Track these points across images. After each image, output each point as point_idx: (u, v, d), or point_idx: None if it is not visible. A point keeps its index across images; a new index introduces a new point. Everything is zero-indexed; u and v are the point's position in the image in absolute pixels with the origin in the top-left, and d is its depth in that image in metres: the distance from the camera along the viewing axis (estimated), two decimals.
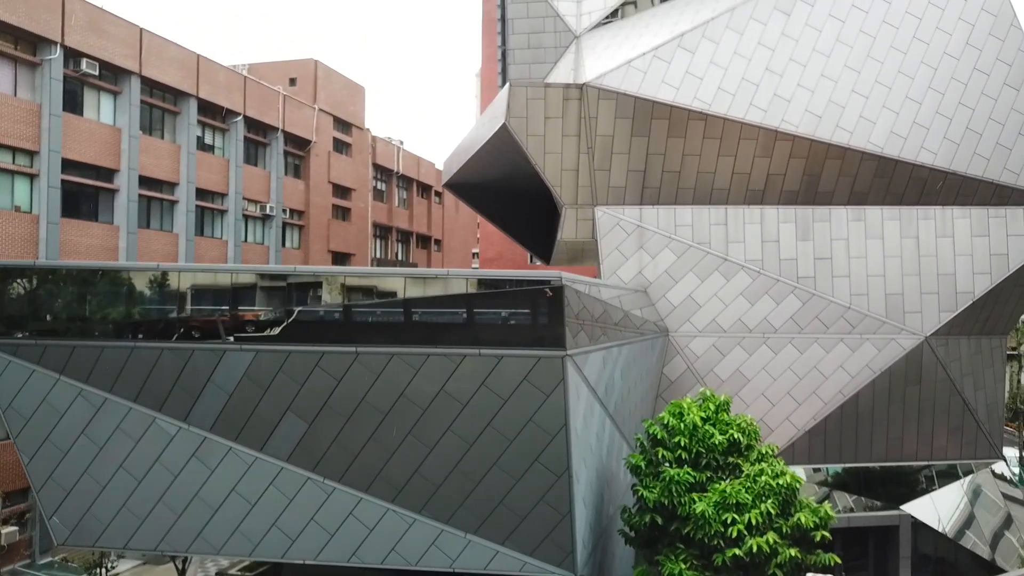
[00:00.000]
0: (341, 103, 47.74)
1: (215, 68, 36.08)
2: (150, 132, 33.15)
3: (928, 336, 25.86)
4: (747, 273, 26.15)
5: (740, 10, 25.03)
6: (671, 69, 24.66)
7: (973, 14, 25.61)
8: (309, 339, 15.52)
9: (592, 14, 29.82)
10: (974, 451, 27.49)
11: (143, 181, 32.25)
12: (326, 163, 45.89)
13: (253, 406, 16.18)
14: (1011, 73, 25.60)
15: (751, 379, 26.18)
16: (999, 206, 25.95)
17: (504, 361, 14.56)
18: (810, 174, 25.73)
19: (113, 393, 16.71)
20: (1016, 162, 25.58)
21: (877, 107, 25.16)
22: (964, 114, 25.40)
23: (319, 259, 45.37)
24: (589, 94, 24.73)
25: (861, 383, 25.96)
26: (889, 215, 26.17)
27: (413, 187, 58.79)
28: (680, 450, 16.72)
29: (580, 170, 26.12)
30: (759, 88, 24.87)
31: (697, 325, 26.25)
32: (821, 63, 25.11)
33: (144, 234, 32.33)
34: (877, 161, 25.36)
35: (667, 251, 26.42)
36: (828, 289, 26.04)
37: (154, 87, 32.96)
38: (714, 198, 26.32)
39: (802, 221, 26.28)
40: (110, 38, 30.06)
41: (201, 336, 16.07)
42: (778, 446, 18.24)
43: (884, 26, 25.35)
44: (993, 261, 25.92)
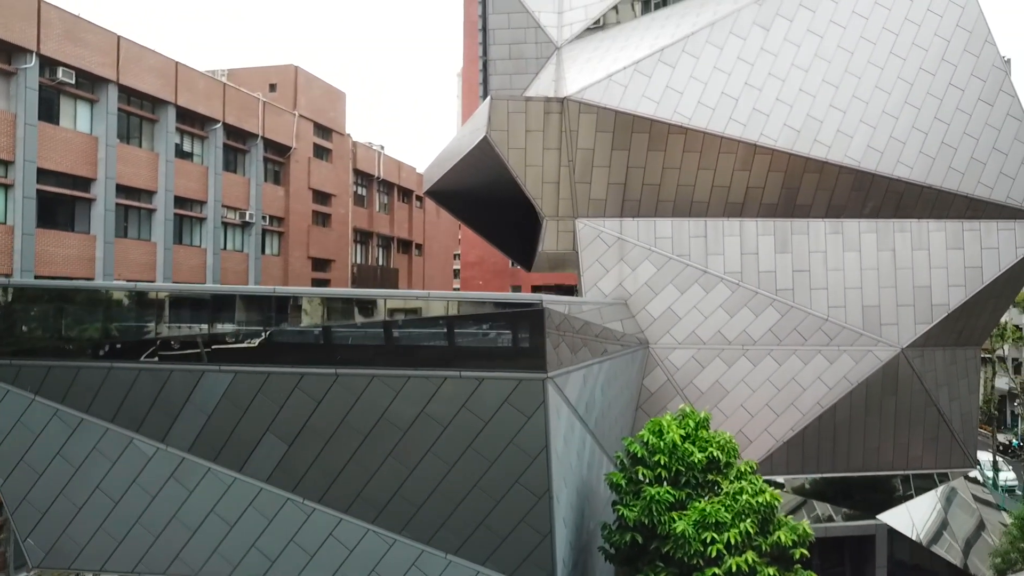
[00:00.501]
0: (321, 109, 47.55)
1: (194, 75, 35.81)
2: (128, 140, 32.87)
3: (904, 348, 26.16)
4: (726, 285, 26.32)
5: (720, 25, 25.20)
6: (652, 83, 24.77)
7: (948, 30, 25.93)
8: (288, 360, 15.45)
9: (573, 25, 29.84)
10: (949, 460, 27.84)
11: (120, 190, 31.99)
12: (306, 169, 45.68)
13: (232, 427, 16.08)
14: (985, 88, 25.95)
15: (730, 391, 26.36)
16: (973, 219, 26.30)
17: (485, 383, 14.57)
18: (788, 187, 25.94)
19: (89, 414, 16.57)
20: (990, 176, 25.94)
21: (854, 122, 25.42)
22: (939, 129, 25.72)
23: (299, 266, 45.18)
24: (570, 108, 24.80)
25: (839, 394, 26.22)
26: (866, 228, 26.45)
27: (394, 192, 58.67)
28: (660, 468, 16.80)
29: (561, 183, 26.18)
30: (738, 102, 25.04)
31: (677, 337, 26.38)
32: (800, 78, 25.32)
33: (121, 243, 32.04)
34: (854, 175, 25.62)
35: (647, 263, 26.54)
36: (806, 301, 26.27)
37: (132, 95, 32.68)
38: (694, 210, 26.46)
39: (781, 234, 26.49)
40: (87, 46, 29.76)
41: (180, 355, 15.95)
42: (756, 463, 18.36)
43: (862, 41, 25.61)
44: (968, 274, 26.27)
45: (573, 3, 30.02)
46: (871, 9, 25.75)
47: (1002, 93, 26.00)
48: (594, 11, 29.74)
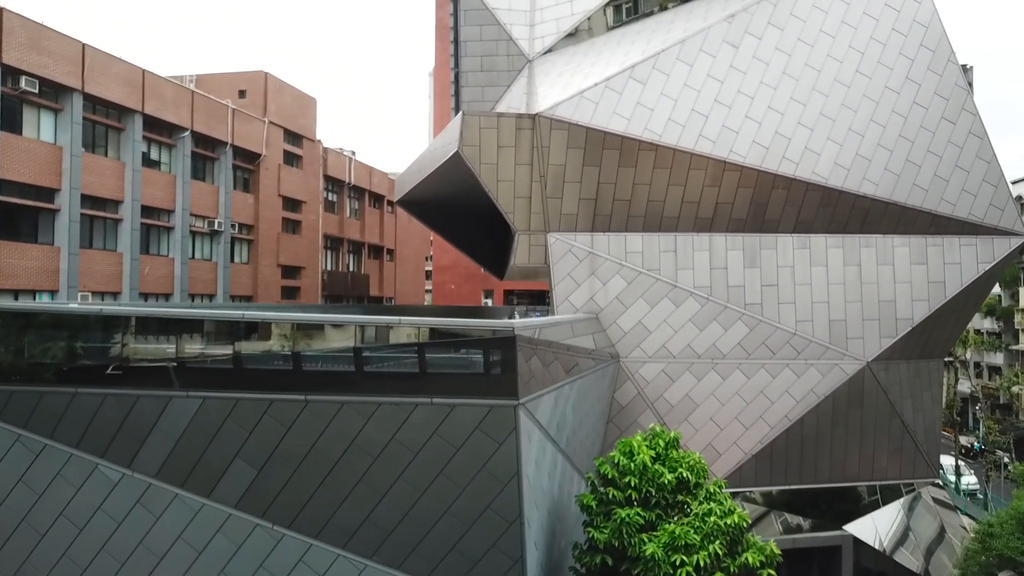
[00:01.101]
0: (292, 115, 47.13)
1: (161, 83, 35.31)
2: (93, 149, 32.32)
3: (870, 361, 26.60)
4: (696, 299, 26.56)
5: (690, 42, 25.41)
6: (622, 100, 24.91)
7: (913, 49, 26.40)
8: (258, 386, 15.31)
9: (545, 38, 29.92)
10: (913, 471, 28.36)
11: (86, 200, 31.43)
12: (276, 176, 45.25)
13: (200, 452, 15.90)
14: (948, 107, 26.47)
15: (700, 404, 26.61)
16: (937, 235, 26.81)
17: (456, 410, 14.56)
18: (757, 203, 26.24)
19: (53, 439, 16.29)
20: (952, 193, 26.45)
21: (822, 139, 25.79)
22: (904, 146, 26.18)
23: (268, 273, 44.76)
24: (542, 124, 24.86)
25: (806, 407, 26.60)
26: (833, 243, 26.85)
27: (365, 197, 58.33)
28: (630, 490, 16.91)
29: (533, 197, 26.24)
30: (708, 119, 25.28)
31: (647, 351, 26.57)
32: (768, 95, 25.63)
33: (86, 254, 31.50)
34: (822, 191, 25.98)
35: (618, 277, 26.69)
36: (774, 315, 26.60)
37: (97, 103, 32.13)
38: (664, 225, 26.66)
39: (749, 248, 26.79)
40: (51, 55, 29.21)
41: (147, 380, 15.75)
42: (725, 481, 18.55)
43: (829, 60, 25.98)
44: (931, 288, 26.77)
45: (545, 16, 30.12)
46: (838, 28, 26.14)
47: (964, 112, 26.54)
48: (565, 25, 29.87)
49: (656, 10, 29.73)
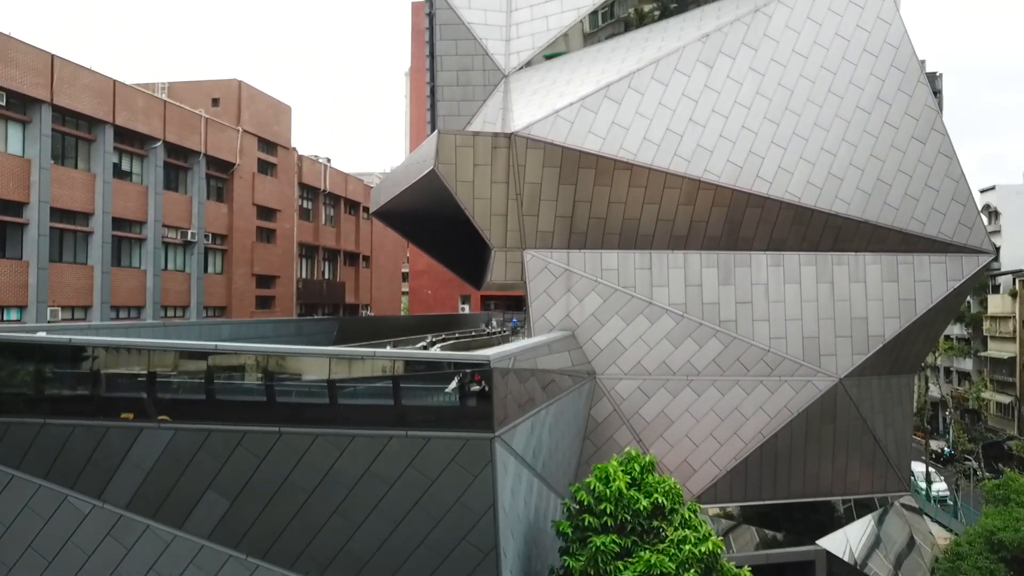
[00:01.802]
0: (266, 123, 46.72)
1: (132, 93, 34.84)
2: (63, 161, 31.82)
3: (842, 377, 26.91)
4: (671, 316, 26.71)
5: (665, 62, 25.54)
6: (598, 119, 24.98)
7: (883, 70, 26.75)
8: (230, 418, 15.16)
9: (521, 54, 29.96)
10: (884, 485, 28.73)
11: (55, 213, 30.94)
12: (250, 185, 44.83)
13: (172, 483, 15.71)
14: (918, 127, 26.85)
15: (675, 421, 26.76)
16: (907, 253, 27.18)
17: (432, 442, 14.52)
18: (731, 221, 26.44)
19: (21, 470, 16.01)
20: (922, 212, 26.84)
21: (795, 158, 26.04)
22: (875, 166, 26.52)
23: (242, 283, 44.34)
24: (517, 143, 24.86)
25: (780, 423, 26.84)
26: (806, 260, 27.12)
27: (341, 204, 57.99)
28: (606, 517, 16.95)
29: (509, 215, 26.23)
30: (683, 138, 25.43)
31: (623, 367, 26.67)
32: (742, 115, 25.83)
33: (56, 268, 31.00)
34: (795, 210, 26.25)
35: (594, 294, 26.76)
36: (749, 332, 26.81)
37: (67, 115, 31.62)
38: (639, 243, 26.79)
39: (724, 266, 26.99)
40: (18, 66, 28.71)
41: (117, 411, 15.53)
42: (700, 506, 18.66)
43: (801, 80, 26.25)
44: (902, 305, 27.14)
45: (520, 31, 30.16)
46: (810, 48, 26.41)
47: (933, 131, 26.94)
48: (541, 40, 29.93)
49: (633, 18, 29.90)
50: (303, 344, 33.08)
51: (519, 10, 30.37)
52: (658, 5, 29.62)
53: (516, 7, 30.43)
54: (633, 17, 29.48)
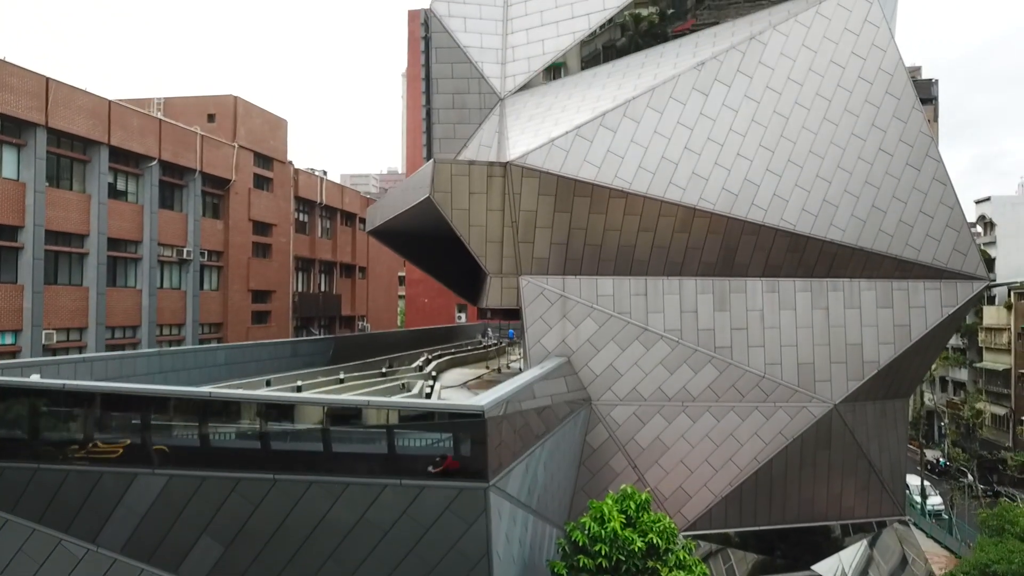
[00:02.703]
0: (262, 138, 46.69)
1: (128, 113, 34.80)
2: (57, 183, 31.80)
3: (837, 403, 26.94)
4: (666, 342, 26.72)
5: (660, 90, 25.56)
6: (593, 148, 25.00)
7: (878, 97, 26.80)
8: (225, 465, 15.15)
9: (516, 77, 29.98)
10: (879, 509, 28.76)
11: (50, 235, 30.94)
12: (246, 201, 44.81)
13: (167, 528, 15.70)
14: (913, 154, 26.90)
15: (670, 447, 26.77)
16: (902, 279, 27.22)
17: (426, 491, 14.52)
18: (727, 248, 26.46)
19: (15, 514, 16.00)
20: (917, 238, 26.89)
21: (790, 185, 26.08)
22: (870, 192, 26.56)
23: (238, 299, 44.31)
24: (513, 172, 24.87)
25: (775, 450, 26.86)
26: (801, 287, 27.15)
27: (337, 217, 57.95)
28: (601, 558, 16.99)
29: (505, 241, 26.23)
30: (678, 167, 25.45)
31: (618, 394, 26.69)
32: (737, 142, 25.86)
33: (51, 291, 30.99)
34: (790, 237, 26.27)
35: (589, 320, 26.77)
36: (744, 358, 26.83)
37: (62, 136, 31.60)
38: (635, 269, 26.79)
39: (719, 292, 27.00)
40: (13, 91, 28.68)
41: (111, 457, 15.51)
42: (695, 544, 18.70)
43: (796, 107, 26.28)
44: (896, 331, 27.17)
45: (516, 55, 30.19)
46: (805, 75, 26.45)
47: (928, 158, 26.99)
48: (537, 64, 29.97)
49: (628, 44, 29.93)
50: (299, 365, 33.11)
51: (515, 33, 30.40)
52: (654, 32, 29.64)
53: (512, 30, 30.46)
54: (629, 43, 29.49)
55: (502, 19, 30.62)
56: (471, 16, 30.49)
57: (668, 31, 30.04)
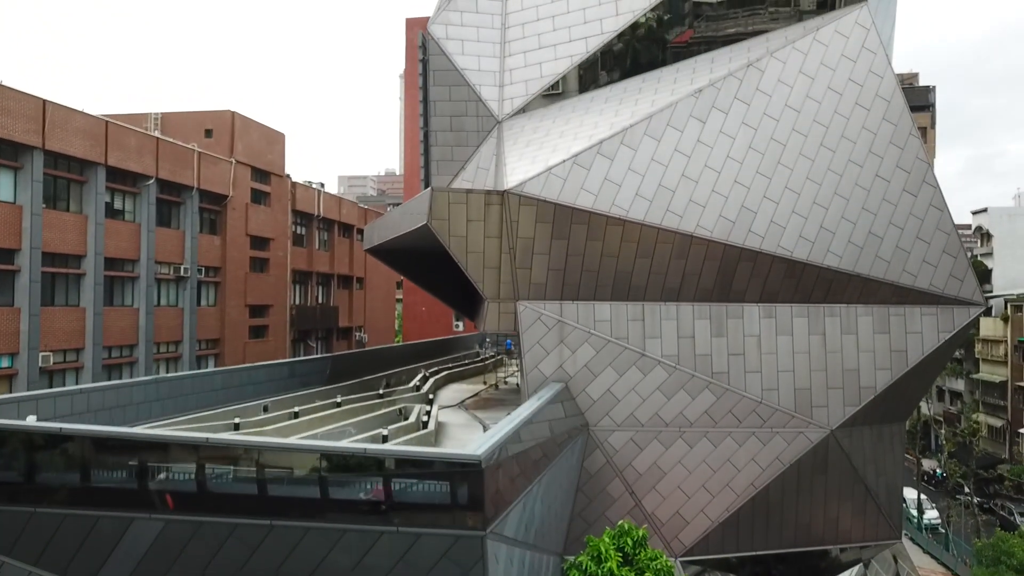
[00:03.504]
0: (259, 152, 46.68)
1: (125, 133, 34.77)
2: (54, 204, 31.77)
3: (834, 429, 26.98)
4: (664, 368, 26.74)
5: (657, 117, 25.58)
6: (590, 176, 25.02)
7: (875, 123, 26.84)
8: (222, 510, 15.15)
9: (514, 100, 29.96)
10: (876, 533, 28.82)
11: (46, 257, 30.91)
12: (243, 216, 44.79)
13: (163, 572, 15.69)
14: (909, 180, 26.94)
15: (667, 472, 26.81)
16: (899, 305, 27.26)
17: (422, 538, 14.53)
18: (724, 274, 26.48)
19: (12, 556, 15.99)
20: (914, 265, 26.92)
21: (787, 212, 26.10)
22: (867, 219, 26.59)
23: (236, 314, 44.28)
24: (510, 200, 24.88)
25: (772, 475, 26.89)
26: (798, 312, 27.17)
27: (335, 228, 57.95)
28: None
29: (502, 267, 26.22)
30: (675, 194, 25.47)
31: (616, 419, 26.70)
32: (734, 169, 25.88)
33: (47, 312, 30.96)
34: (787, 263, 26.30)
35: (587, 346, 26.79)
36: (741, 384, 26.85)
37: (59, 158, 31.56)
38: (632, 294, 26.80)
39: (716, 318, 27.02)
40: (10, 114, 28.64)
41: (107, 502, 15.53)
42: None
43: (794, 134, 26.30)
44: (893, 357, 27.20)
45: (514, 78, 30.18)
46: (802, 102, 26.48)
47: (925, 184, 27.03)
48: (534, 87, 29.95)
49: (627, 67, 29.93)
50: (296, 386, 33.08)
51: (512, 56, 30.40)
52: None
53: (510, 53, 30.46)
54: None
55: (500, 42, 30.62)
56: (469, 39, 30.49)
57: (666, 36, 29.91)
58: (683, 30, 30.24)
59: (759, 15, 29.72)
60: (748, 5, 29.63)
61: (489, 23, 30.82)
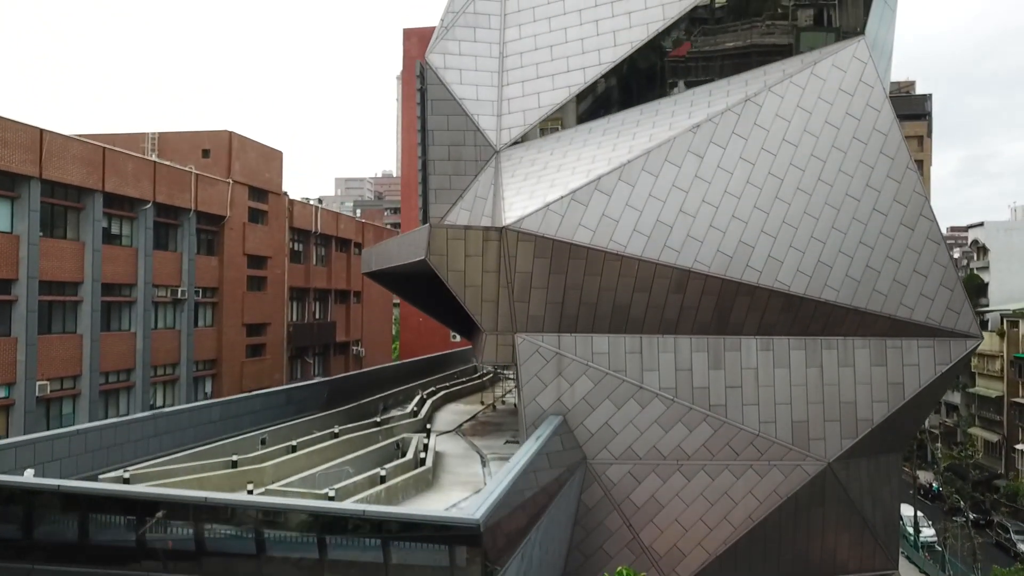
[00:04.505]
0: (257, 171, 46.64)
1: (122, 159, 34.74)
2: (51, 232, 31.71)
3: (831, 461, 27.03)
4: (661, 401, 26.78)
5: (655, 153, 25.62)
6: (588, 212, 25.04)
7: (872, 157, 26.90)
8: (220, 571, 15.14)
9: (512, 130, 29.97)
10: (873, 563, 28.86)
11: (44, 285, 30.83)
12: (241, 235, 44.75)
13: None
14: (907, 213, 27.01)
15: (665, 505, 26.84)
16: (896, 337, 27.31)
17: None
18: (721, 308, 26.51)
19: None
20: (911, 298, 26.98)
21: (784, 246, 26.14)
22: (864, 252, 26.65)
23: (233, 334, 44.24)
24: (508, 237, 24.90)
25: (769, 508, 26.95)
26: (795, 345, 27.22)
27: (332, 244, 57.91)
28: None
29: (500, 300, 26.25)
30: (673, 229, 25.50)
31: (614, 452, 26.73)
32: (732, 204, 25.92)
33: (45, 341, 30.89)
34: (784, 297, 26.34)
35: (585, 378, 26.81)
36: (738, 416, 26.90)
37: (56, 186, 31.50)
38: (630, 327, 26.82)
39: (714, 350, 27.06)
40: (7, 145, 28.59)
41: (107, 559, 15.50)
42: None
43: (791, 168, 26.36)
44: (890, 390, 27.27)
45: (512, 107, 30.20)
46: (800, 136, 26.53)
47: (922, 218, 27.10)
48: (532, 117, 30.00)
49: (624, 99, 29.98)
50: (293, 412, 33.02)
51: (510, 85, 30.41)
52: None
53: (507, 82, 30.47)
54: (625, 97, 29.55)
55: (498, 71, 30.63)
56: (467, 68, 30.51)
57: (663, 45, 29.89)
58: (682, 42, 30.32)
59: (757, 28, 29.82)
60: (745, 18, 29.65)
61: (487, 52, 30.85)
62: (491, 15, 31.27)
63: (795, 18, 29.62)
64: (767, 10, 29.66)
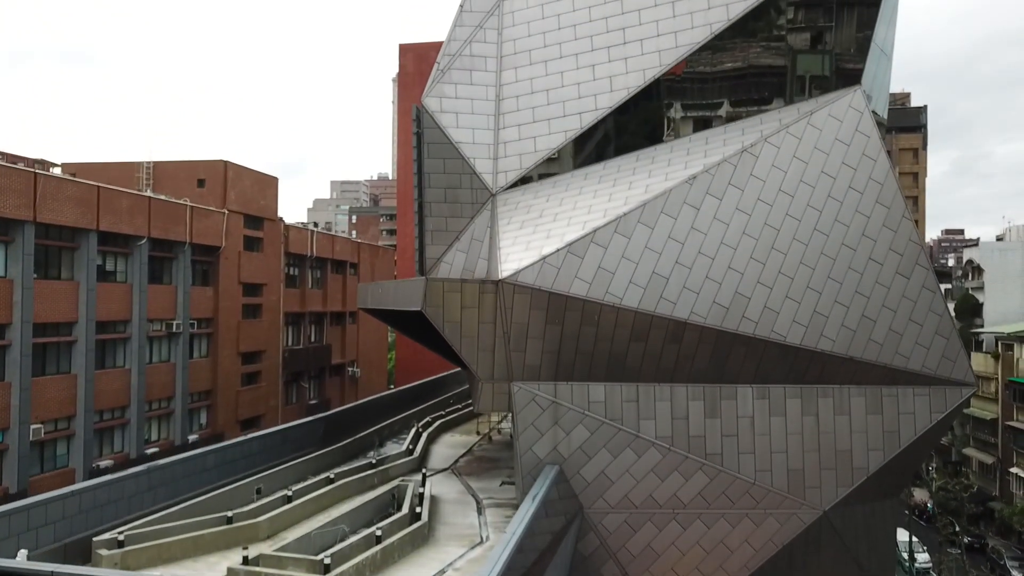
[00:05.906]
0: (252, 199, 46.54)
1: (116, 196, 34.62)
2: (45, 273, 31.60)
3: (827, 510, 27.04)
4: (658, 449, 26.76)
5: (651, 205, 25.61)
6: (584, 264, 25.04)
7: (869, 206, 26.92)
8: None
9: (508, 173, 29.89)
10: None
11: (37, 327, 30.72)
12: (236, 264, 44.66)
13: None
14: (903, 262, 27.02)
15: (661, 554, 26.84)
16: (891, 385, 27.32)
17: None
18: (718, 357, 26.51)
19: None
20: (906, 347, 27.00)
21: (780, 297, 26.15)
22: (860, 302, 26.66)
23: (228, 364, 44.14)
24: (504, 289, 24.89)
25: (765, 556, 26.95)
26: (791, 393, 27.22)
27: (327, 266, 57.83)
28: None
29: (496, 350, 26.24)
30: (669, 281, 25.50)
31: (610, 501, 26.71)
32: (728, 255, 25.92)
33: (38, 383, 30.79)
34: (780, 348, 26.34)
35: (581, 427, 26.79)
36: (734, 465, 26.90)
37: (50, 228, 31.38)
38: (626, 376, 26.80)
39: (710, 399, 27.05)
40: (1, 191, 28.44)
41: None
42: None
43: (787, 219, 26.36)
44: (886, 438, 27.29)
45: (508, 151, 30.13)
46: (796, 187, 26.54)
47: (917, 266, 27.12)
48: (528, 160, 29.90)
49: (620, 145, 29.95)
50: (289, 451, 32.91)
51: (506, 128, 30.34)
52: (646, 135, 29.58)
53: (504, 125, 30.39)
54: (621, 143, 29.52)
55: (494, 114, 30.55)
56: (463, 111, 30.42)
57: (660, 91, 29.78)
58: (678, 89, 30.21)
59: (753, 49, 29.69)
60: (741, 37, 29.49)
61: (483, 95, 30.76)
62: (487, 57, 31.21)
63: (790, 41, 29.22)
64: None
